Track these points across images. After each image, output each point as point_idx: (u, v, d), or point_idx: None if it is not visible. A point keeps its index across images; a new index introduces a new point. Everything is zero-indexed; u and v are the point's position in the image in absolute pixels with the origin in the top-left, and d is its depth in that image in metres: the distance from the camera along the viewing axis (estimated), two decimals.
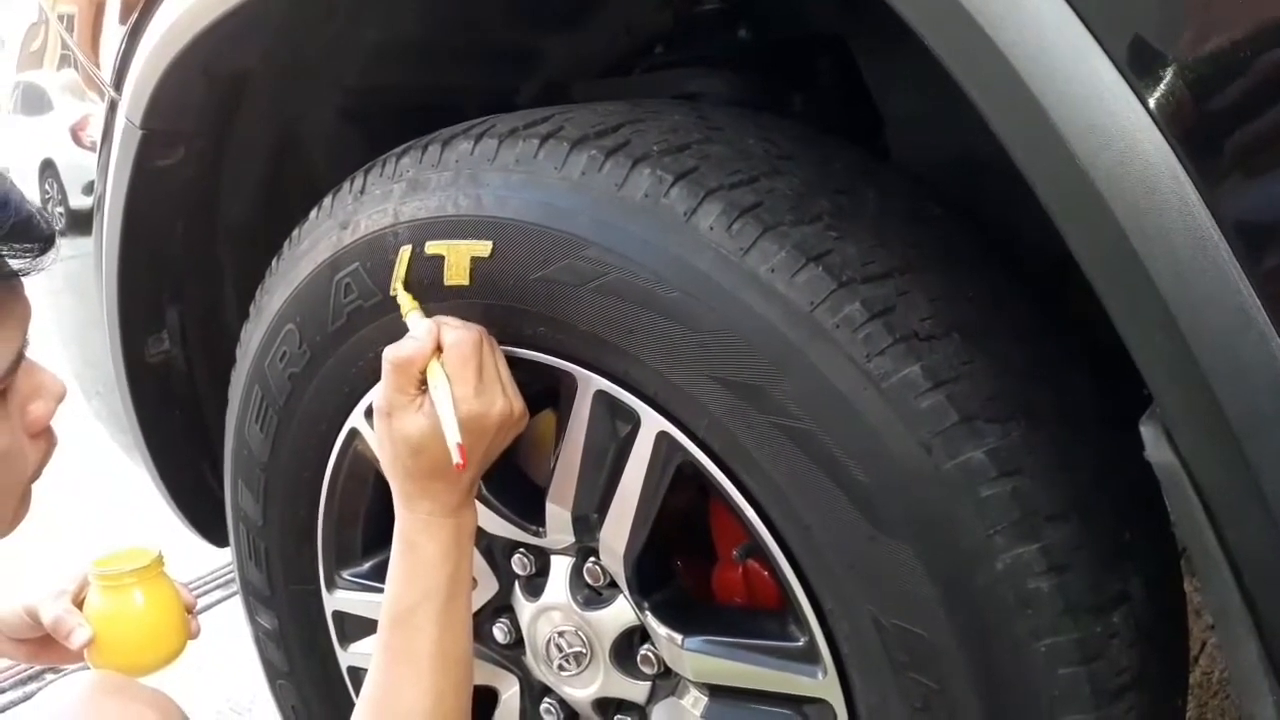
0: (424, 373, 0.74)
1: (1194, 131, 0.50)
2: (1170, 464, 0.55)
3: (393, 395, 0.75)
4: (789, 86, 1.00)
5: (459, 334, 0.75)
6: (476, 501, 0.83)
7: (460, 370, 0.74)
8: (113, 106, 1.03)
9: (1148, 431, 0.57)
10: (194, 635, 0.94)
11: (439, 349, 0.75)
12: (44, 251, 0.65)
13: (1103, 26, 0.50)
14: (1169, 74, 0.50)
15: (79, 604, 0.91)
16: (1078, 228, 0.52)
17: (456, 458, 0.72)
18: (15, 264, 0.64)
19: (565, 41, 1.08)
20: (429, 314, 0.79)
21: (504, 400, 0.75)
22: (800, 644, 0.75)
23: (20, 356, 0.67)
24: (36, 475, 0.73)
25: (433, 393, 0.74)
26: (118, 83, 1.01)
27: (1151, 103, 0.50)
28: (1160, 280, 0.51)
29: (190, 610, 0.94)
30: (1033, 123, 0.51)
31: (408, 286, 0.81)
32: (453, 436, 0.72)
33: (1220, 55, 0.50)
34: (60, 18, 1.22)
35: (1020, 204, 0.57)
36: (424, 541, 0.77)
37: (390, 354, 0.75)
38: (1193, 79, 0.50)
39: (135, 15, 0.96)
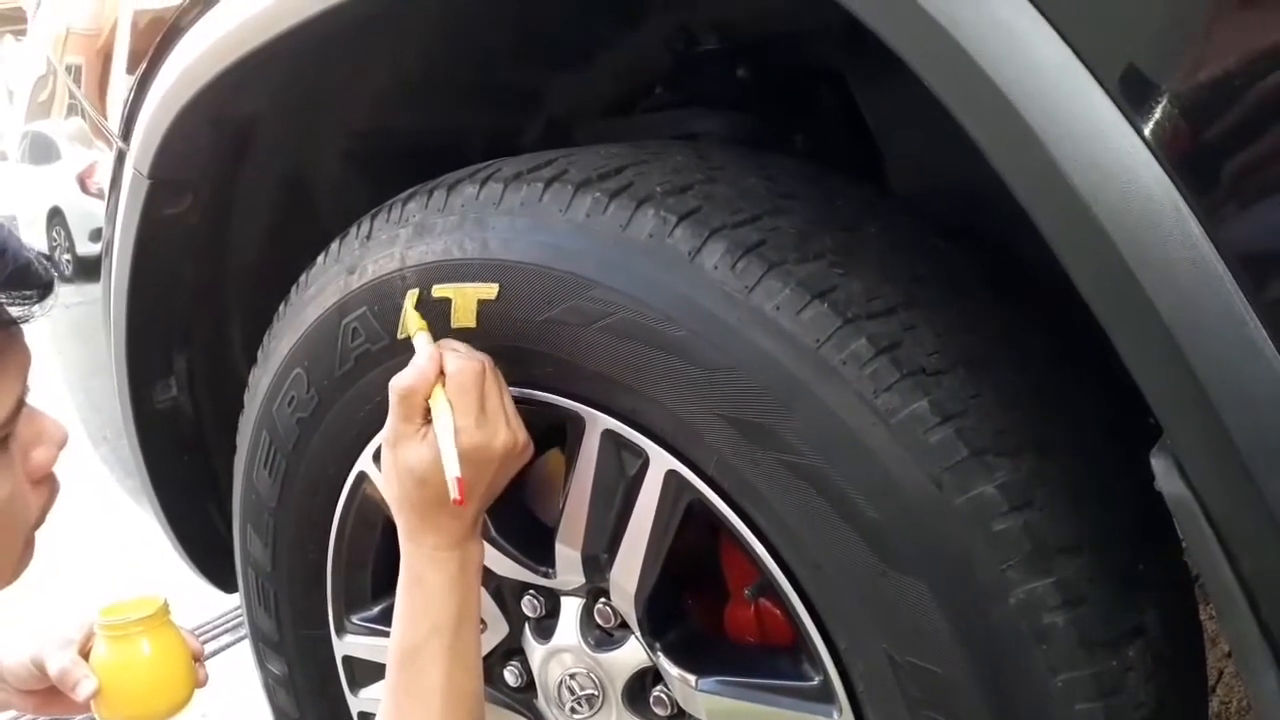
0: (428, 401, 0.74)
1: (1194, 164, 0.51)
2: (1182, 495, 0.55)
3: (397, 425, 0.75)
4: (789, 124, 1.01)
5: (461, 363, 0.75)
6: (485, 543, 0.82)
7: (461, 400, 0.73)
8: (120, 157, 1.04)
9: (1158, 463, 0.56)
10: (202, 683, 0.93)
11: (443, 376, 0.75)
12: (43, 298, 0.65)
13: (1100, 63, 0.51)
14: (1167, 107, 0.50)
15: (85, 654, 0.90)
16: (1081, 262, 0.53)
17: (454, 492, 0.71)
18: (14, 311, 0.64)
19: (567, 82, 1.09)
20: None
21: (507, 432, 0.75)
22: (814, 683, 0.74)
23: (21, 403, 0.67)
24: (40, 522, 0.73)
25: (435, 424, 0.73)
26: (125, 133, 1.02)
27: (1151, 137, 0.50)
28: (1165, 312, 0.51)
29: (198, 658, 0.94)
30: (1034, 160, 0.52)
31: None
32: (452, 470, 0.71)
33: (1218, 87, 0.50)
34: (68, 69, 1.24)
35: (1022, 233, 0.57)
36: (430, 575, 0.77)
37: (394, 384, 0.75)
38: (1191, 111, 0.50)
39: (144, 65, 0.98)
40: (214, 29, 0.88)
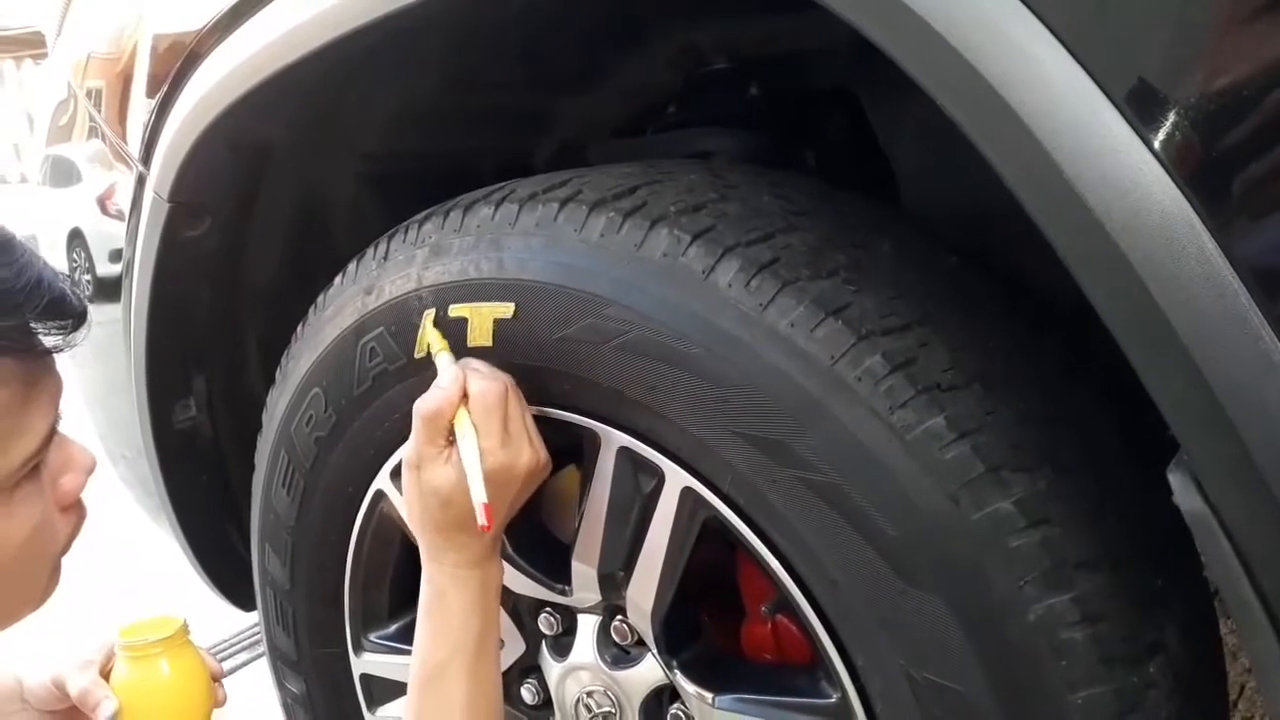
0: (453, 423, 0.75)
1: (1208, 179, 0.51)
2: (1200, 511, 0.55)
3: (421, 447, 0.76)
4: (801, 142, 1.02)
5: (484, 384, 0.75)
6: (502, 560, 0.83)
7: (486, 421, 0.74)
8: (140, 180, 1.05)
9: (1175, 478, 0.56)
10: (220, 703, 0.94)
11: (466, 397, 0.75)
12: (76, 328, 0.66)
13: (1111, 80, 0.51)
14: (1180, 123, 0.50)
15: (106, 675, 0.91)
16: (1096, 279, 0.53)
17: (482, 519, 0.72)
18: (49, 341, 0.64)
19: (579, 103, 1.10)
20: None
21: (530, 451, 0.76)
22: (833, 700, 0.74)
23: (53, 431, 0.68)
24: (67, 548, 0.73)
25: (460, 445, 0.74)
26: (145, 157, 1.03)
27: (1164, 153, 0.50)
28: (1181, 328, 0.51)
29: (216, 678, 0.94)
30: (1046, 178, 0.52)
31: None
32: (478, 496, 0.72)
33: (1229, 101, 0.50)
34: (88, 93, 1.26)
35: (1035, 249, 0.57)
36: (452, 594, 0.77)
37: (418, 406, 0.76)
38: (1203, 126, 0.50)
39: (164, 89, 0.99)
40: (233, 54, 0.90)
